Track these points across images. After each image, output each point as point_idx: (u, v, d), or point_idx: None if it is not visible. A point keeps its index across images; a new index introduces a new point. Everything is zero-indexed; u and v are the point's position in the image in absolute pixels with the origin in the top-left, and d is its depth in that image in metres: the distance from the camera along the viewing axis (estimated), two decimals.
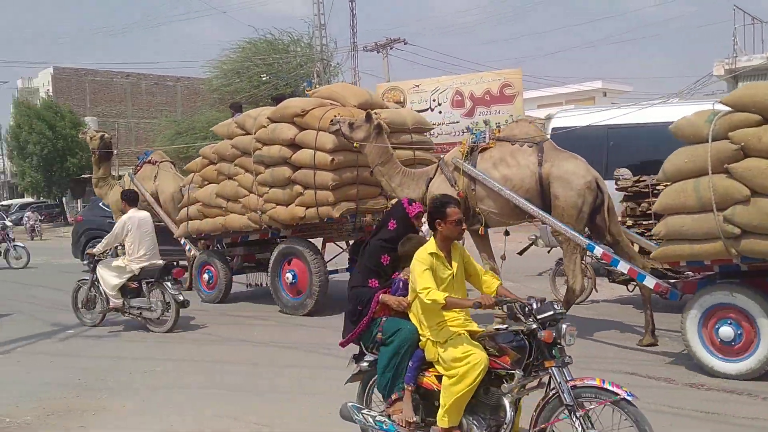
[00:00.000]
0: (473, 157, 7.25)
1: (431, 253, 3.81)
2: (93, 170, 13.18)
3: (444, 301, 3.62)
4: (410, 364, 3.86)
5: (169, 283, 8.07)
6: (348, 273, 9.46)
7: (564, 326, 3.44)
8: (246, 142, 8.95)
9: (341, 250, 10.00)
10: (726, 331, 5.30)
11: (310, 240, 8.96)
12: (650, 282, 6.01)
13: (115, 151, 14.03)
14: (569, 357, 3.49)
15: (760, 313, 5.14)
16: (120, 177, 13.21)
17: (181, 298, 8.02)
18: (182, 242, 10.81)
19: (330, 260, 9.46)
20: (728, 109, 5.27)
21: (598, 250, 6.45)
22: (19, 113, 39.99)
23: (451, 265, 3.89)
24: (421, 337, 3.86)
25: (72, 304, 8.72)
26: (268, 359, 6.63)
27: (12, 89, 54.62)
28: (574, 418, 3.35)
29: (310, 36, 35.17)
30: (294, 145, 8.42)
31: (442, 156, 7.94)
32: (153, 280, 8.10)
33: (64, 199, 41.28)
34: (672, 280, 6.08)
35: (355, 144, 7.79)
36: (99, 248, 8.49)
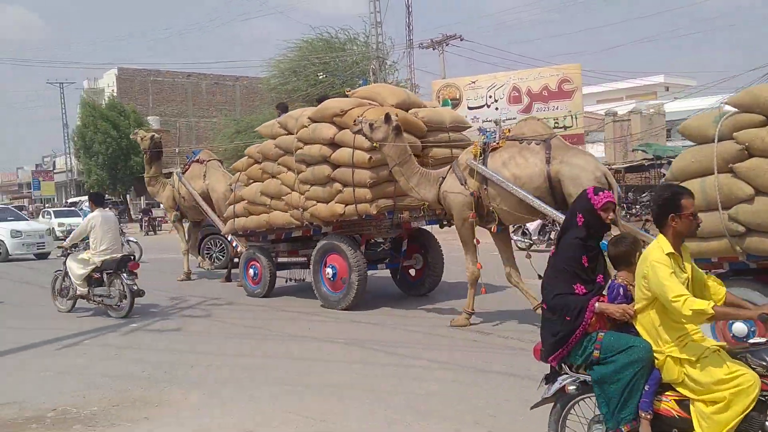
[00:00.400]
0: (485, 157, 7.43)
1: (669, 254, 3.25)
2: (145, 169, 13.76)
3: (712, 311, 3.03)
4: (646, 387, 3.26)
5: (125, 275, 8.86)
6: (388, 269, 9.85)
7: None
8: (288, 141, 9.24)
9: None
10: (739, 327, 5.31)
11: (349, 236, 9.11)
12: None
13: (177, 149, 14.54)
14: None
15: None
16: (169, 175, 13.63)
17: (135, 287, 8.83)
18: (229, 239, 11.30)
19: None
20: (735, 110, 5.33)
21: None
22: (85, 113, 41.33)
23: (685, 268, 3.34)
24: (657, 355, 3.27)
25: (51, 293, 9.75)
26: (323, 355, 6.69)
27: (79, 90, 56.36)
28: None
29: (366, 34, 35.25)
30: (333, 144, 8.64)
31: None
32: (112, 271, 8.91)
33: (128, 196, 42.53)
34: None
35: (375, 144, 8.00)
36: (67, 242, 9.50)
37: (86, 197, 42.76)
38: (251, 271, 10.45)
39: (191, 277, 12.80)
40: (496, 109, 26.63)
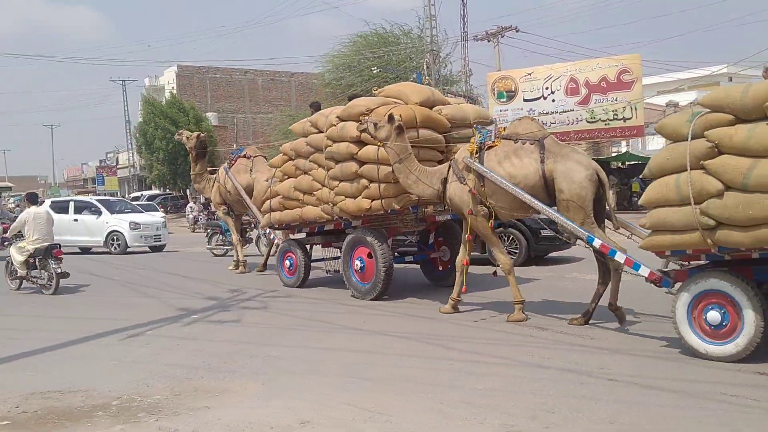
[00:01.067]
0: (480, 156, 7.71)
1: None
2: (191, 167, 14.58)
3: None
4: None
5: (52, 260, 11.04)
6: (416, 261, 10.60)
7: None
8: (318, 139, 9.64)
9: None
10: (713, 315, 5.65)
11: (377, 230, 9.47)
12: (644, 271, 6.29)
13: (235, 145, 14.93)
14: None
15: (744, 299, 5.49)
16: (214, 172, 14.23)
17: (60, 270, 11.02)
18: (267, 231, 11.98)
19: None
20: (706, 110, 5.63)
21: (597, 242, 6.78)
22: (146, 110, 42.40)
23: None
24: None
25: (4, 274, 11.95)
26: (380, 348, 6.70)
27: (140, 87, 57.90)
28: None
29: (420, 27, 35.12)
30: (360, 142, 8.94)
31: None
32: (42, 257, 11.10)
33: (188, 191, 43.48)
34: (665, 269, 6.39)
35: (379, 143, 8.44)
36: (9, 233, 11.99)
37: (148, 192, 43.99)
38: (287, 263, 11.03)
39: (246, 266, 13.23)
40: (553, 101, 26.22)
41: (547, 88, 26.55)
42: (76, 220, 19.26)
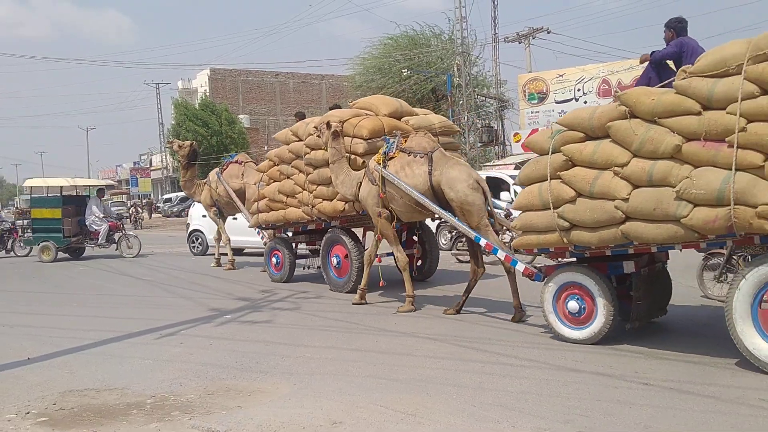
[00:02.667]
0: (385, 165, 8.66)
1: None
2: (181, 174, 15.57)
3: None
4: None
5: None
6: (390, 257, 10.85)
7: None
8: (299, 147, 10.62)
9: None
10: (573, 304, 6.56)
11: (352, 229, 10.67)
12: (520, 267, 7.30)
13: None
14: None
15: (597, 290, 6.39)
16: (205, 177, 15.18)
17: None
18: (256, 231, 12.97)
19: None
20: (564, 128, 6.52)
21: (483, 241, 7.73)
22: (178, 113, 42.94)
23: None
24: None
25: None
26: (411, 350, 6.70)
27: (174, 90, 58.71)
28: None
29: (450, 29, 35.06)
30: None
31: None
32: None
33: None
34: (538, 265, 7.35)
35: (323, 146, 9.71)
36: None
37: (180, 193, 44.50)
38: (274, 260, 12.13)
39: (235, 266, 14.27)
40: (585, 102, 26.02)
41: (578, 90, 26.37)
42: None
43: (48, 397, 5.53)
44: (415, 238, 11.04)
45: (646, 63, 7.72)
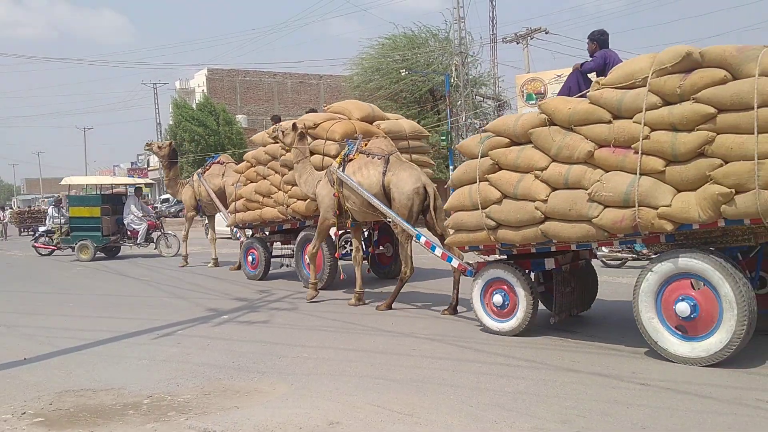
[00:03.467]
0: (344, 166, 9.12)
1: None
2: (164, 174, 15.99)
3: None
4: None
5: None
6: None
7: None
8: (275, 148, 11.04)
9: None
10: (497, 298, 7.08)
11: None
12: (455, 263, 7.88)
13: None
14: None
15: (519, 285, 6.92)
16: (189, 176, 15.70)
17: None
18: (234, 230, 13.25)
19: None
20: (492, 134, 6.96)
21: (423, 239, 8.25)
22: (176, 113, 42.91)
23: None
24: None
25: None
26: (409, 350, 6.69)
27: (171, 90, 58.66)
28: None
29: (448, 30, 35.06)
30: (309, 152, 10.11)
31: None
32: None
33: None
34: (470, 262, 7.81)
35: (285, 147, 10.18)
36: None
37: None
38: (250, 258, 12.55)
39: (218, 264, 14.77)
40: None
41: None
42: None
43: (44, 398, 5.52)
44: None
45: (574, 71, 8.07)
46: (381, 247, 11.75)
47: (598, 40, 7.92)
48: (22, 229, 33.59)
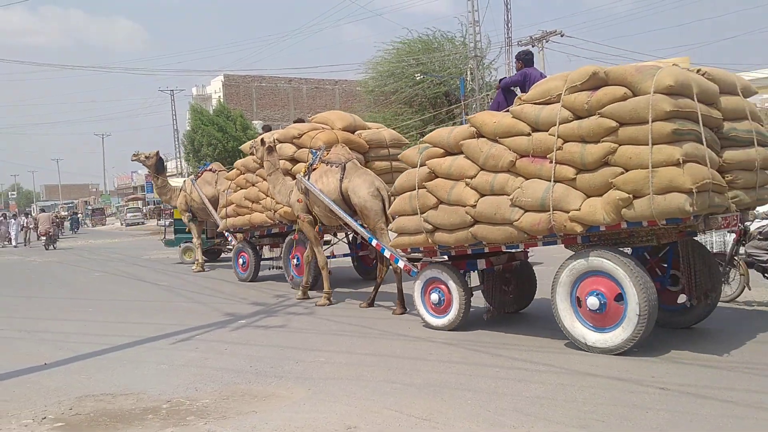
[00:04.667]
0: (309, 175, 9.67)
1: None
2: (154, 182, 16.58)
3: None
4: None
5: None
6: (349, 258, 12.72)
7: None
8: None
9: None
10: (435, 296, 7.70)
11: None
12: (401, 263, 8.38)
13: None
14: None
15: (452, 282, 7.55)
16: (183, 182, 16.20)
17: None
18: (226, 234, 13.85)
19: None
20: (430, 144, 7.55)
21: (374, 242, 8.82)
22: (194, 119, 43.17)
23: None
24: None
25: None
26: (425, 354, 6.68)
27: (188, 97, 59.00)
28: None
29: (463, 34, 35.02)
30: (294, 160, 10.78)
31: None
32: None
33: None
34: (415, 262, 8.25)
35: (256, 160, 11.03)
36: None
37: None
38: (240, 260, 13.27)
39: (204, 268, 15.46)
40: None
41: None
42: None
43: (64, 402, 5.57)
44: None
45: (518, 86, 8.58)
46: (365, 250, 12.09)
47: (524, 59, 8.58)
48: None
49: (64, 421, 5.12)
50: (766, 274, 8.15)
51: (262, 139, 10.54)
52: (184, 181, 15.69)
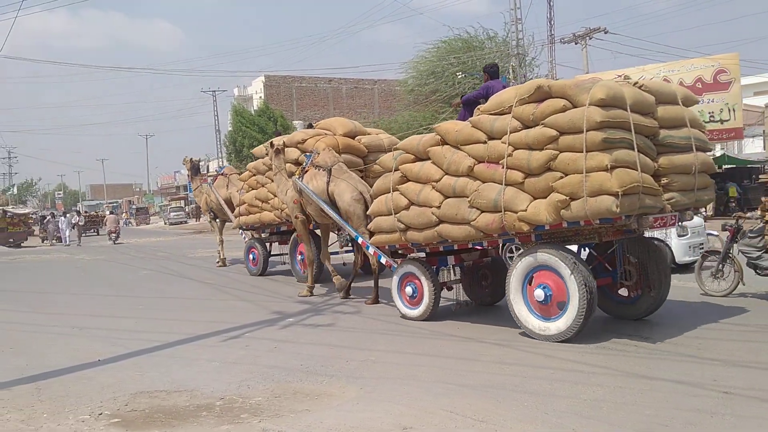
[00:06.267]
0: (302, 177, 10.38)
1: None
2: (191, 184, 18.56)
3: None
4: None
5: None
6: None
7: None
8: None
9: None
10: (409, 289, 8.45)
11: (314, 231, 11.94)
12: (383, 259, 9.01)
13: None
14: None
15: (423, 277, 8.28)
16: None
17: None
18: (240, 232, 15.26)
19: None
20: (403, 151, 8.28)
21: (360, 239, 9.41)
22: (236, 119, 43.60)
23: None
24: None
25: None
26: (477, 355, 6.60)
27: (229, 97, 59.59)
28: None
29: (506, 31, 34.70)
30: (298, 163, 11.16)
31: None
32: None
33: None
34: (396, 258, 8.94)
35: (265, 162, 12.44)
36: None
37: None
38: (251, 256, 14.41)
39: (226, 263, 16.51)
40: None
41: None
42: None
43: (120, 399, 5.64)
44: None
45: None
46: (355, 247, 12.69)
47: (489, 72, 9.18)
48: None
49: (120, 417, 5.18)
50: (757, 270, 8.65)
51: (271, 142, 11.48)
52: (204, 185, 17.08)
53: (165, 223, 55.95)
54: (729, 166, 27.58)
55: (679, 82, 24.78)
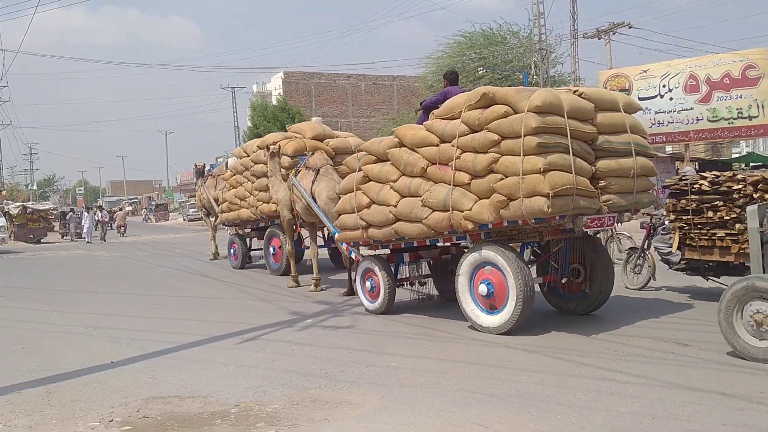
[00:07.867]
0: (296, 177, 11.19)
1: None
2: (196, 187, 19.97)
3: None
4: None
5: None
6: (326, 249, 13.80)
7: None
8: (246, 161, 13.95)
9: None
10: (369, 284, 8.92)
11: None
12: (353, 254, 9.48)
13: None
14: None
15: (380, 273, 8.72)
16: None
17: None
18: (226, 228, 16.54)
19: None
20: (365, 153, 8.74)
21: (337, 235, 9.59)
22: (255, 115, 43.51)
23: None
24: None
25: None
26: (504, 362, 6.27)
27: (248, 94, 59.54)
28: None
29: (529, 27, 34.22)
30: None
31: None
32: None
33: None
34: (364, 254, 9.40)
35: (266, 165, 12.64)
36: None
37: None
38: (232, 251, 15.69)
39: (218, 257, 17.75)
40: (671, 99, 24.77)
41: (664, 86, 25.09)
42: None
43: (131, 404, 5.41)
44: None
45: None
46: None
47: (449, 78, 9.55)
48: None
49: (131, 425, 4.94)
50: (670, 265, 9.00)
51: (267, 146, 12.39)
52: (200, 185, 18.64)
53: (184, 219, 56.09)
54: (756, 163, 26.94)
55: (707, 77, 24.23)
